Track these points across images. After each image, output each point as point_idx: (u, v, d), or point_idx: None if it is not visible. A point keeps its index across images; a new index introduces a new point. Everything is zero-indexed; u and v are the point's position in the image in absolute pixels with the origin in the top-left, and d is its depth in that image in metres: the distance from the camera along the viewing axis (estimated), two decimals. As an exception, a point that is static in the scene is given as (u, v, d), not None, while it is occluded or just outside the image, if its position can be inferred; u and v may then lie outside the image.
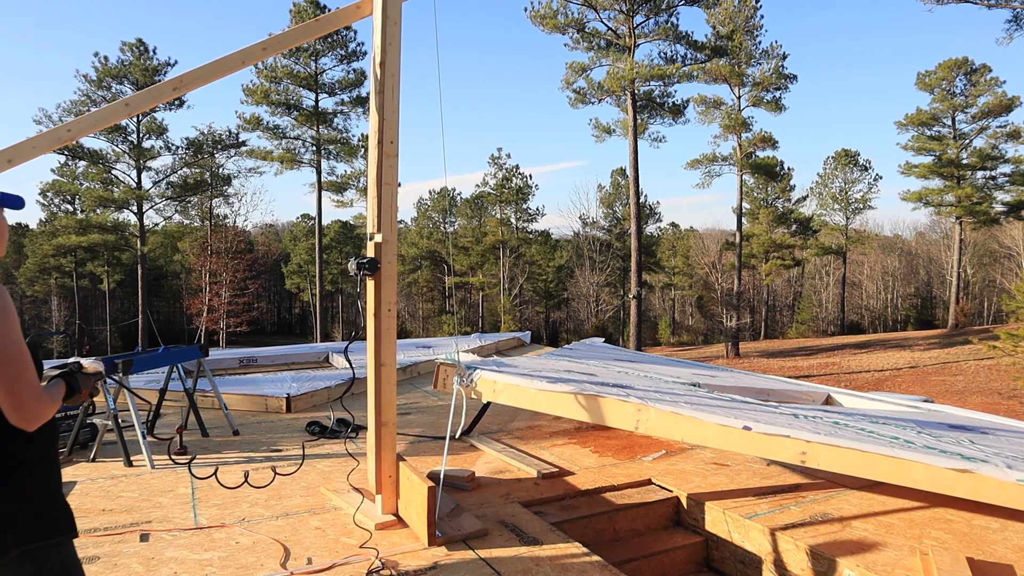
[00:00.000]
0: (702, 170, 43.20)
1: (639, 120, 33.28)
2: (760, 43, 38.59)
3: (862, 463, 2.94)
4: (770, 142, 41.32)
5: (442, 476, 3.86)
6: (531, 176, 53.01)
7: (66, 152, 37.35)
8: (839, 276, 54.71)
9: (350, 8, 3.88)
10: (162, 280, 58.66)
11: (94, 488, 4.43)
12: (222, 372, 9.40)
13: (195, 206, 43.89)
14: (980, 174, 44.16)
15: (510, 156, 71.88)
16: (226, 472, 4.68)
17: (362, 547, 3.40)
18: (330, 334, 49.61)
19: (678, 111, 35.15)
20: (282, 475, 4.44)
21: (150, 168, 39.60)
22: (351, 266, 3.60)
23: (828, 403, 5.78)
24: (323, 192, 39.59)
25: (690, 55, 34.82)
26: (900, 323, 57.55)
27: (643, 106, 34.03)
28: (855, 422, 3.62)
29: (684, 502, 4.27)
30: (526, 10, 32.74)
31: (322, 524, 3.77)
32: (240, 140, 39.64)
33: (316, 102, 38.33)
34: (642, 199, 47.21)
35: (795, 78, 39.39)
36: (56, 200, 48.19)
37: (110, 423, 4.94)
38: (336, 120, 39.29)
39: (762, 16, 38.14)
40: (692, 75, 34.29)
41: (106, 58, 36.65)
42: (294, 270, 60.86)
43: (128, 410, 5.65)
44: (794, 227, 47.32)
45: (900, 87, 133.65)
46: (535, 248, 50.93)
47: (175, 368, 5.97)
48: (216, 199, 43.82)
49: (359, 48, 38.08)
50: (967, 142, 43.81)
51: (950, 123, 44.16)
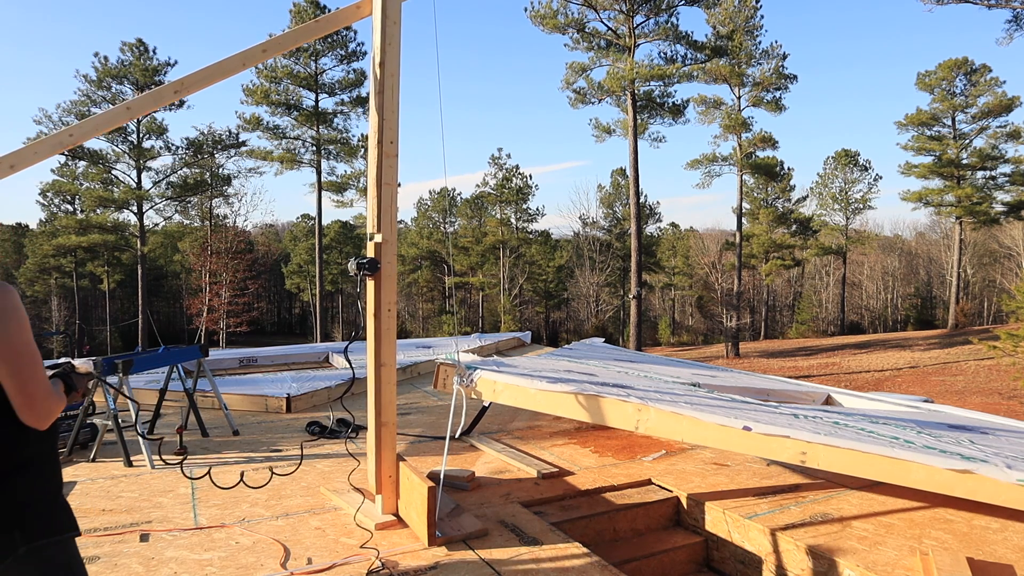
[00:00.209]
0: (702, 170, 43.29)
1: (639, 120, 33.28)
2: (760, 43, 38.67)
3: (862, 463, 2.94)
4: (770, 142, 41.34)
5: (442, 476, 3.86)
6: (531, 176, 53.09)
7: (66, 152, 37.34)
8: (839, 276, 54.71)
9: (350, 8, 3.88)
10: (162, 280, 58.67)
11: (94, 488, 4.42)
12: (222, 372, 9.39)
13: (195, 206, 43.93)
14: (980, 174, 44.21)
15: (510, 156, 71.99)
16: (226, 472, 4.68)
17: (362, 547, 3.40)
18: (330, 334, 49.60)
19: (678, 111, 35.16)
20: (281, 475, 4.44)
21: (150, 168, 39.70)
22: (351, 266, 3.59)
23: (828, 403, 5.78)
24: (323, 192, 39.62)
25: (690, 55, 34.85)
26: (900, 323, 57.54)
27: (643, 106, 34.03)
28: (855, 422, 3.62)
29: (684, 502, 4.27)
30: (526, 10, 32.81)
31: (322, 524, 3.77)
32: (240, 140, 39.70)
33: (316, 102, 38.35)
34: (642, 199, 47.26)
35: (795, 78, 39.47)
36: (56, 200, 48.25)
37: (110, 423, 4.94)
38: (336, 120, 39.36)
39: (762, 16, 38.21)
40: (692, 75, 34.31)
41: (106, 58, 36.72)
42: (294, 270, 60.87)
43: (128, 410, 5.65)
44: (794, 227, 47.32)
45: (900, 87, 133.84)
46: (535, 248, 50.94)
47: (175, 368, 5.97)
48: (216, 199, 43.85)
49: (359, 48, 38.14)
50: (967, 142, 43.81)
51: (950, 123, 44.18)
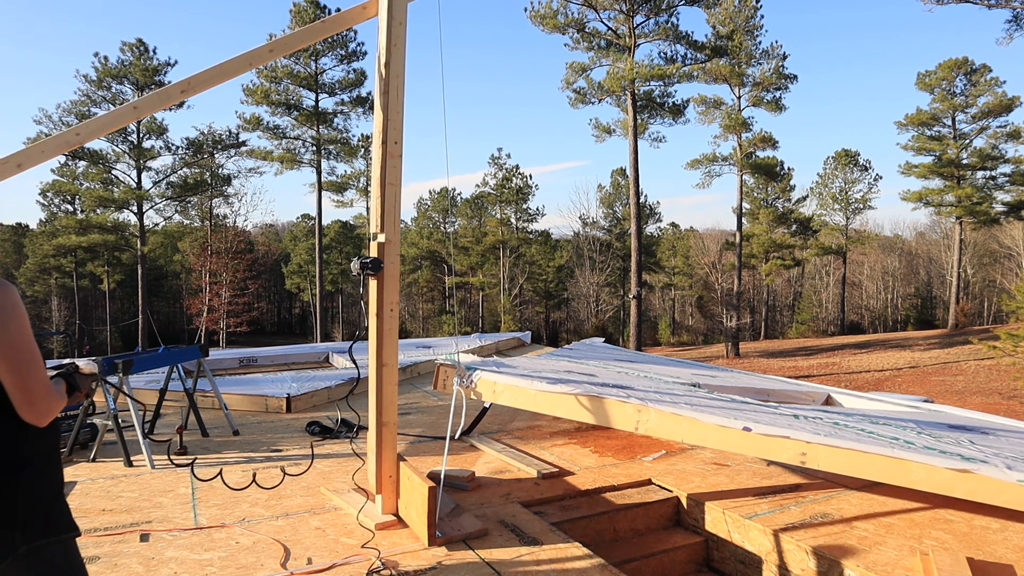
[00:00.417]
0: (702, 170, 43.27)
1: (639, 120, 33.27)
2: (760, 43, 38.64)
3: (862, 464, 2.94)
4: (770, 142, 41.32)
5: (442, 476, 3.86)
6: (531, 176, 53.10)
7: (66, 152, 37.31)
8: (839, 276, 54.70)
9: (356, 9, 3.88)
10: (162, 280, 58.66)
11: (94, 488, 4.43)
12: (222, 372, 9.39)
13: (195, 206, 43.91)
14: (980, 174, 44.19)
15: (510, 156, 71.91)
16: (227, 472, 4.67)
17: (362, 547, 3.41)
18: (330, 334, 49.60)
19: (678, 111, 35.15)
20: (292, 475, 4.44)
21: (150, 168, 39.69)
22: (354, 266, 3.59)
23: (828, 403, 5.77)
24: (323, 192, 39.64)
25: (690, 55, 34.82)
26: (900, 323, 57.53)
27: (643, 106, 34.02)
28: (855, 423, 3.62)
29: (684, 502, 4.27)
30: (526, 10, 32.79)
31: (322, 524, 3.77)
32: (240, 140, 39.69)
33: (316, 102, 38.36)
34: (642, 199, 47.24)
35: (795, 78, 39.46)
36: (56, 200, 48.23)
37: (110, 423, 4.94)
38: (336, 120, 39.38)
39: (762, 16, 38.17)
40: (692, 75, 34.30)
41: (106, 58, 36.70)
42: (294, 270, 60.86)
43: (128, 410, 5.66)
44: (794, 227, 47.31)
45: (900, 87, 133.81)
46: (535, 248, 50.93)
47: (175, 368, 5.97)
48: (216, 199, 43.83)
49: (359, 48, 38.17)
50: (967, 142, 43.80)
51: (950, 123, 44.16)
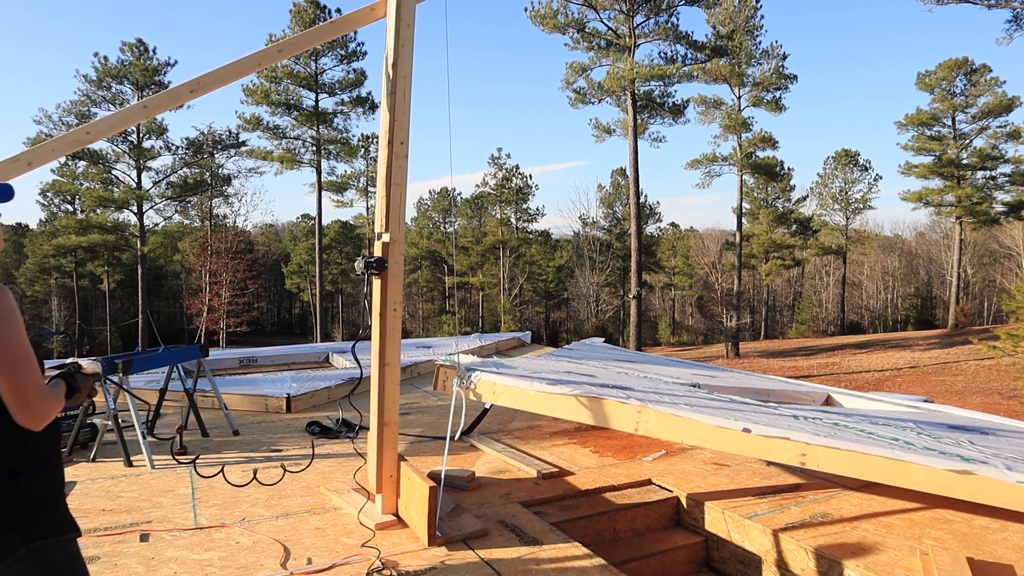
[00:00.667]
0: (702, 170, 43.26)
1: (639, 120, 33.27)
2: (760, 43, 38.61)
3: (862, 465, 2.94)
4: (770, 142, 41.32)
5: (443, 476, 3.86)
6: (531, 176, 53.07)
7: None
8: (839, 276, 54.70)
9: (364, 10, 3.88)
10: (162, 280, 58.65)
11: (94, 488, 4.43)
12: (222, 372, 9.40)
13: (195, 206, 43.89)
14: (980, 174, 44.18)
15: (510, 156, 71.84)
16: (227, 472, 4.67)
17: (362, 547, 3.41)
18: (330, 334, 49.58)
19: (678, 111, 35.15)
20: (293, 472, 4.44)
21: (150, 168, 39.68)
22: (358, 265, 3.60)
23: (828, 403, 5.77)
24: (323, 192, 39.64)
25: (690, 55, 34.82)
26: (900, 323, 57.53)
27: (643, 106, 34.02)
28: (855, 423, 3.62)
29: (684, 502, 4.27)
30: (526, 10, 32.77)
31: (322, 524, 3.77)
32: (240, 140, 39.69)
33: (316, 102, 38.35)
34: (642, 199, 47.24)
35: (795, 78, 39.42)
36: (56, 200, 48.20)
37: (110, 423, 4.94)
38: (336, 120, 39.36)
39: (762, 16, 38.13)
40: (692, 75, 34.30)
41: (106, 58, 36.70)
42: (294, 270, 60.85)
43: (128, 410, 5.66)
44: (794, 227, 47.30)
45: (900, 87, 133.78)
46: (535, 248, 50.92)
47: (175, 368, 5.97)
48: (216, 199, 43.82)
49: (359, 48, 38.16)
50: (967, 142, 43.79)
51: (950, 123, 44.15)
